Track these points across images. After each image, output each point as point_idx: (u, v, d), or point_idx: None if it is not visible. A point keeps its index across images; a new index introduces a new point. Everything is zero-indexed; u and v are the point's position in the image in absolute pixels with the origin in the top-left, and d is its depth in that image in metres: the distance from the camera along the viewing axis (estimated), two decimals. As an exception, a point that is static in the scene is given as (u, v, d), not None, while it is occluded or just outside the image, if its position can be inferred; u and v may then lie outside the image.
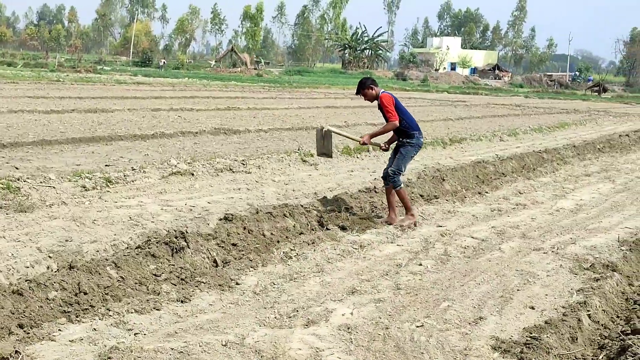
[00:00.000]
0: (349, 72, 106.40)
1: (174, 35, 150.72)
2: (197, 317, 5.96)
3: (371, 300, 6.52)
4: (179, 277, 6.84)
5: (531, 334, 5.82)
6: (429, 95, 56.84)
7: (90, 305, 5.94)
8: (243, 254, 7.75)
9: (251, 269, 7.34)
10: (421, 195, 11.42)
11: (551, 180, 14.51)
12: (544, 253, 8.53)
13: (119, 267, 6.58)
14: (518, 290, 7.05)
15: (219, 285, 6.77)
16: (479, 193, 12.30)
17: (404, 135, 9.40)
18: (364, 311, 6.20)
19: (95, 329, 5.53)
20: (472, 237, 9.10)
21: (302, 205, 9.44)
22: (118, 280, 6.42)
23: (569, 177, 15.01)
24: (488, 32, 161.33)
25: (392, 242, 8.67)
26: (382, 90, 9.44)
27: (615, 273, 7.70)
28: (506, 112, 37.05)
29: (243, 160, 13.32)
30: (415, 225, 9.51)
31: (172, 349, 5.13)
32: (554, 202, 11.89)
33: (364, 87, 9.43)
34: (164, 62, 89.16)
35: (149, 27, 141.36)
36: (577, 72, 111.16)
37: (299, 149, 15.31)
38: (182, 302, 6.30)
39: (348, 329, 5.76)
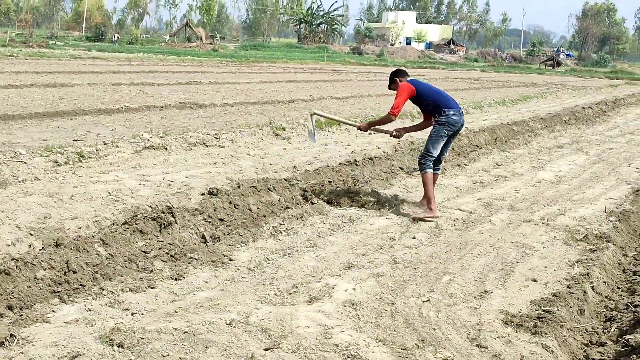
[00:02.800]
0: (305, 46, 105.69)
1: (126, 10, 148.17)
2: (195, 295, 5.69)
3: (370, 275, 6.31)
4: (168, 254, 6.56)
5: (540, 307, 5.67)
6: (388, 69, 56.53)
7: (80, 285, 5.63)
8: (231, 229, 7.48)
9: (242, 245, 7.09)
10: (401, 168, 11.24)
11: (525, 152, 14.44)
12: (535, 225, 8.41)
13: (107, 244, 6.27)
14: (517, 262, 6.90)
15: (212, 261, 6.50)
16: (458, 165, 12.16)
17: (435, 114, 8.61)
18: (366, 286, 6.00)
19: (90, 309, 5.25)
20: (460, 210, 8.94)
21: (285, 179, 9.18)
22: (107, 258, 6.11)
23: (542, 149, 14.96)
24: (443, 7, 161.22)
25: (381, 216, 8.47)
26: (407, 79, 8.78)
27: (609, 244, 7.60)
28: (467, 86, 37.07)
29: (216, 134, 12.98)
30: (432, 220, 8.37)
31: (175, 329, 4.87)
32: (533, 174, 11.81)
33: (391, 83, 8.87)
34: (118, 37, 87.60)
35: (101, 1, 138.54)
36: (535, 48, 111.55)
37: (270, 123, 15.01)
38: (176, 279, 6.03)
39: (353, 305, 5.55)
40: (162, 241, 6.69)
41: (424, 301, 5.71)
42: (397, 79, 8.74)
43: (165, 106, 18.40)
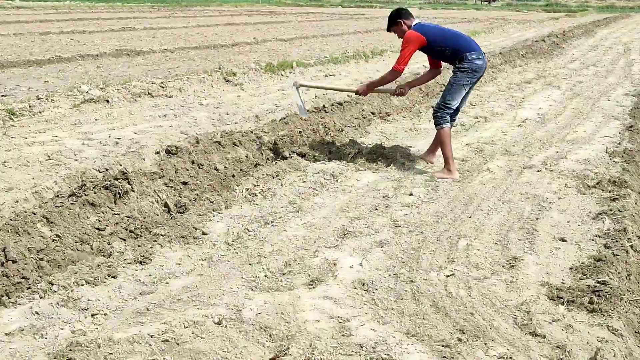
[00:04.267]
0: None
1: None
2: (168, 283, 4.58)
3: (373, 244, 5.28)
4: (127, 230, 5.41)
5: (586, 275, 4.72)
6: (326, 9, 55.05)
7: (23, 278, 4.46)
8: (198, 195, 6.34)
9: (214, 213, 5.96)
10: (373, 113, 10.16)
11: (495, 89, 13.49)
12: (538, 171, 7.46)
13: (51, 222, 5.08)
14: (537, 219, 5.93)
15: (182, 237, 5.38)
16: (431, 107, 11.12)
17: (455, 61, 7.26)
18: (373, 260, 4.97)
19: (37, 313, 4.10)
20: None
21: (251, 131, 8.04)
22: (54, 240, 4.94)
23: (511, 85, 14.03)
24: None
25: (367, 170, 7.42)
26: (416, 22, 7.36)
27: (629, 190, 6.70)
28: (410, 23, 35.90)
29: (162, 82, 11.71)
30: (452, 181, 7.12)
31: (151, 336, 3.77)
32: (514, 113, 10.86)
33: (392, 25, 7.45)
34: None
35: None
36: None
37: (219, 68, 13.74)
38: (141, 263, 4.89)
39: (364, 286, 4.52)
40: (118, 214, 5.53)
41: (447, 276, 4.70)
42: (401, 21, 7.35)
43: (101, 54, 16.95)
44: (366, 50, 18.95)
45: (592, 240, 5.46)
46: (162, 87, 11.52)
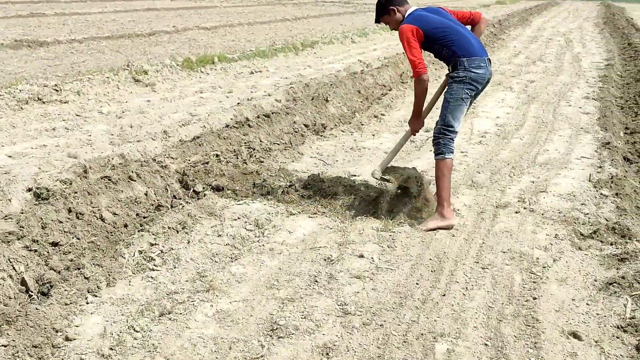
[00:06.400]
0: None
1: None
2: None
3: (314, 352, 3.67)
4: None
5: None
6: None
7: None
8: (72, 261, 4.62)
9: (89, 296, 4.25)
10: (306, 126, 8.53)
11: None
12: (516, 212, 5.96)
13: None
14: (534, 298, 4.37)
15: (34, 346, 3.67)
16: (375, 116, 9.57)
17: (450, 67, 5.71)
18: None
19: None
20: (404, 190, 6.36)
21: (153, 159, 6.34)
22: None
23: (459, 86, 12.53)
24: None
25: (302, 212, 5.79)
26: (413, 9, 5.77)
27: (636, 243, 5.23)
28: (341, 11, 34.33)
29: (56, 84, 9.83)
30: (449, 228, 5.59)
31: None
32: (469, 124, 9.33)
33: (381, 12, 5.84)
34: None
35: None
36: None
37: (128, 65, 11.88)
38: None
39: None
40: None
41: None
42: (393, 9, 5.75)
43: (-5, 46, 14.91)
44: (296, 42, 17.27)
45: (617, 337, 3.94)
46: (57, 91, 9.65)
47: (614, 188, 6.58)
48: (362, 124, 9.07)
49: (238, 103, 9.29)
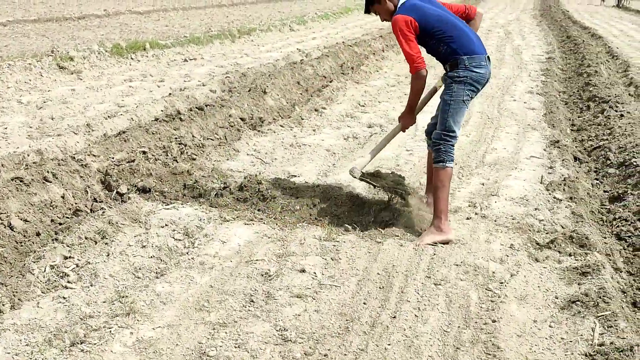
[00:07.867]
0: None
1: None
2: None
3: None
4: None
5: None
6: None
7: None
8: (-27, 280, 4.06)
9: (-10, 324, 3.71)
10: (242, 119, 8.01)
11: (384, 83, 11.58)
12: (468, 219, 5.56)
13: None
14: (493, 321, 3.96)
15: None
16: (315, 110, 9.10)
17: (447, 64, 5.13)
18: None
19: None
20: (353, 195, 5.90)
21: (72, 157, 5.76)
22: None
23: (400, 78, 12.15)
24: None
25: (238, 218, 5.28)
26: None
27: (597, 255, 4.88)
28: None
29: (-29, 71, 9.17)
30: (446, 243, 5.07)
31: None
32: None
33: (372, 1, 5.21)
34: None
35: None
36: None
37: (53, 51, 11.17)
38: None
39: None
40: None
41: None
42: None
43: None
44: (233, 29, 16.70)
45: (583, 365, 3.56)
46: (-28, 78, 9.00)
47: (567, 191, 6.25)
48: (302, 118, 8.59)
49: (170, 93, 8.75)
